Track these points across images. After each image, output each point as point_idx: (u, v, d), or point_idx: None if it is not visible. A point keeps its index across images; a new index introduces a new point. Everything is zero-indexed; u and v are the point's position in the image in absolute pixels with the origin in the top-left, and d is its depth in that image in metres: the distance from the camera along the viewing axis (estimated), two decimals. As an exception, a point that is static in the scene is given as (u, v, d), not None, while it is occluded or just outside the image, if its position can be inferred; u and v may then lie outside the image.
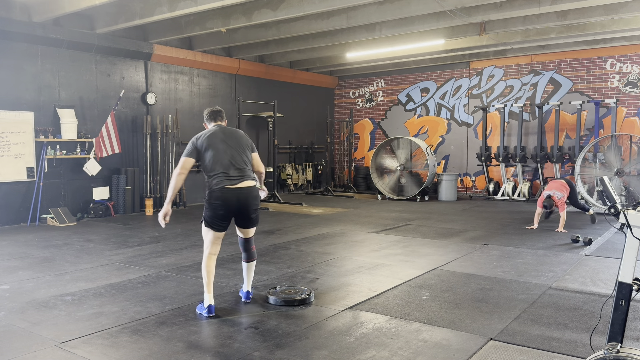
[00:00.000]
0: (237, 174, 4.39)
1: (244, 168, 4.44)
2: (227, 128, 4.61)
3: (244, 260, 4.72)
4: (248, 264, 4.70)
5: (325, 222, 9.49)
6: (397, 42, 11.72)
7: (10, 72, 9.00)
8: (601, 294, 4.95)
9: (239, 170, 4.40)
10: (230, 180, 4.35)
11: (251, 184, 4.46)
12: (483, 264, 6.20)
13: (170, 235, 8.15)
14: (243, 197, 4.39)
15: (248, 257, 4.69)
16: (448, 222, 9.46)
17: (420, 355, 3.53)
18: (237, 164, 4.41)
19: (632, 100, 12.05)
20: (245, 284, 4.73)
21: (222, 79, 13.10)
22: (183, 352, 3.57)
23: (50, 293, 5.01)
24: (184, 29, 10.19)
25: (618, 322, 2.63)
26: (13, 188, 9.10)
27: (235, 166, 4.40)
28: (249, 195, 4.42)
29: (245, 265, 4.71)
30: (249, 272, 4.71)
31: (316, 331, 3.99)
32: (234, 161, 4.40)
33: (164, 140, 11.26)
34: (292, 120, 15.11)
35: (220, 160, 4.39)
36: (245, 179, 4.42)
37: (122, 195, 10.42)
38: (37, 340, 3.82)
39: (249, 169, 4.50)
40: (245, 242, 4.68)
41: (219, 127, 4.58)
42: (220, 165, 4.38)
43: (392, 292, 5.04)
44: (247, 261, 4.69)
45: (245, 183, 4.41)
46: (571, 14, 9.45)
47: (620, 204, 2.74)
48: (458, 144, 14.56)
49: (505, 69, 13.70)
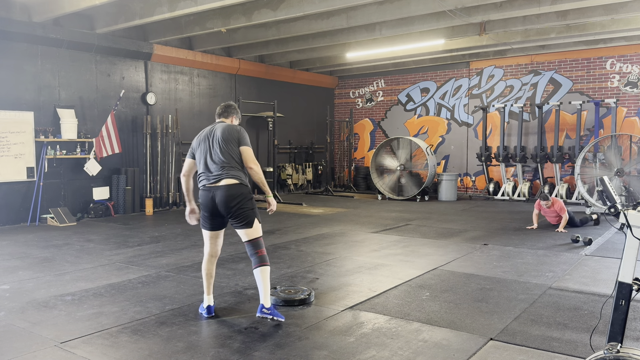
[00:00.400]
0: (216, 172, 4.16)
1: (224, 166, 4.15)
2: (219, 124, 4.32)
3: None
4: (254, 271, 4.17)
5: (325, 222, 9.49)
6: (397, 42, 11.72)
7: (10, 72, 9.00)
8: (601, 294, 4.95)
9: (218, 168, 4.15)
10: (208, 179, 4.19)
11: (230, 182, 4.12)
12: (483, 264, 6.20)
13: (170, 235, 8.15)
14: (219, 196, 4.13)
15: (253, 263, 4.18)
16: (448, 222, 9.46)
17: (420, 355, 3.53)
18: (215, 161, 4.17)
19: (632, 100, 12.05)
20: (260, 295, 4.14)
21: (222, 79, 13.10)
22: (183, 352, 3.57)
23: (50, 293, 5.01)
24: (184, 29, 10.19)
25: (618, 322, 2.63)
26: (13, 188, 9.10)
27: (214, 163, 4.17)
28: (225, 193, 4.11)
29: (254, 273, 4.20)
30: (259, 281, 4.13)
31: (316, 331, 3.99)
32: (213, 159, 4.18)
33: (164, 140, 11.26)
34: (292, 120, 15.11)
35: (200, 159, 4.25)
36: (224, 177, 4.13)
37: (122, 195, 10.42)
38: (37, 340, 3.82)
39: (231, 166, 4.16)
40: (246, 245, 4.25)
41: (216, 124, 4.35)
42: (201, 164, 4.24)
43: (392, 292, 5.04)
44: (254, 267, 4.17)
45: (224, 182, 4.12)
46: (571, 14, 9.45)
47: (620, 204, 2.74)
48: (458, 144, 14.56)
49: (505, 69, 13.70)
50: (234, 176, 4.16)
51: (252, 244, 4.22)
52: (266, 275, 4.14)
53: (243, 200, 4.17)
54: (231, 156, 4.18)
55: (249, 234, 4.22)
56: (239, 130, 4.29)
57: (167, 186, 11.33)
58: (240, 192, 4.16)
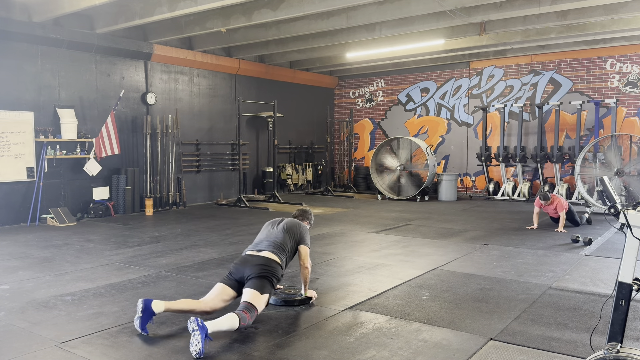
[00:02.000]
0: (259, 247, 4.38)
1: (270, 244, 4.37)
2: (290, 219, 4.72)
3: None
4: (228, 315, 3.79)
5: (325, 222, 9.49)
6: (397, 42, 11.72)
7: (10, 72, 9.00)
8: (601, 294, 4.95)
9: (264, 245, 4.39)
10: (249, 249, 4.43)
11: (267, 255, 4.25)
12: (483, 264, 6.20)
13: (170, 235, 8.15)
14: (251, 260, 4.23)
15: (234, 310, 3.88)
16: (448, 222, 9.46)
17: (420, 355, 3.53)
18: (267, 240, 4.43)
19: (632, 100, 12.05)
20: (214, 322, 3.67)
21: (222, 79, 13.10)
22: (183, 352, 3.57)
23: (50, 293, 5.01)
24: (184, 29, 10.19)
25: (618, 322, 2.63)
26: (13, 188, 9.10)
27: (264, 242, 4.43)
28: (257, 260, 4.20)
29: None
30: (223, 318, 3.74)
31: (316, 331, 3.99)
32: (265, 238, 4.46)
33: (164, 140, 11.26)
34: (292, 120, 15.11)
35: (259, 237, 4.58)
36: (264, 252, 4.30)
37: (122, 195, 10.42)
38: (37, 340, 3.82)
39: (276, 249, 4.33)
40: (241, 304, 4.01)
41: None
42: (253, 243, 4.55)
43: (392, 292, 5.04)
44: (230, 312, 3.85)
45: (262, 253, 4.28)
46: (571, 14, 9.45)
47: (620, 204, 2.74)
48: (458, 144, 14.56)
49: (505, 69, 13.70)
50: (274, 252, 4.31)
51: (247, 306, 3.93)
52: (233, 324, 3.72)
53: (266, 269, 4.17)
54: (286, 245, 4.42)
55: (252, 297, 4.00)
56: (305, 229, 4.60)
57: (167, 186, 11.33)
58: (270, 263, 4.22)
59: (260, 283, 4.07)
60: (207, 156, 12.65)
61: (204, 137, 12.54)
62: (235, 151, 13.25)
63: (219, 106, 13.02)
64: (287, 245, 4.42)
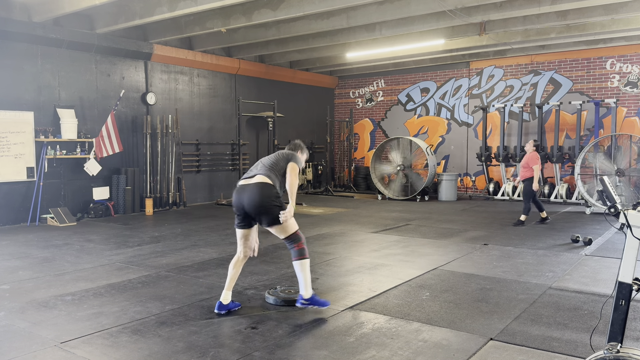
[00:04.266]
0: (251, 173, 4.41)
1: (261, 168, 4.41)
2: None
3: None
4: (293, 263, 4.37)
5: (325, 222, 9.49)
6: (397, 42, 11.72)
7: (10, 72, 9.00)
8: (601, 294, 4.95)
9: (255, 170, 4.43)
10: (242, 179, 4.43)
11: (258, 179, 4.27)
12: (483, 264, 6.20)
13: (170, 235, 8.15)
14: (244, 192, 4.27)
15: (292, 256, 4.39)
16: (448, 222, 9.46)
17: (420, 355, 3.53)
18: (256, 167, 4.46)
19: (632, 100, 12.05)
20: (300, 286, 4.39)
21: (222, 79, 13.10)
22: (183, 352, 3.57)
23: (50, 293, 5.01)
24: (184, 29, 10.19)
25: (618, 322, 2.63)
26: (13, 188, 9.10)
27: (253, 168, 4.47)
28: (250, 190, 4.23)
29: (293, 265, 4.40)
30: (297, 273, 4.36)
31: (316, 331, 3.99)
32: (255, 166, 4.50)
33: (164, 140, 11.26)
34: (292, 120, 15.11)
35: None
36: (256, 177, 4.32)
37: (122, 195, 10.42)
38: (37, 340, 3.82)
39: (268, 171, 4.36)
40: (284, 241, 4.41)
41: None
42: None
43: (392, 292, 5.04)
44: (293, 260, 4.37)
45: (254, 179, 4.30)
46: (571, 14, 9.45)
47: (620, 204, 2.74)
48: (458, 144, 14.56)
49: (505, 69, 13.70)
50: (265, 175, 4.33)
51: (287, 241, 4.39)
52: (305, 268, 4.32)
53: (266, 199, 4.24)
54: (277, 166, 4.43)
55: (277, 231, 4.35)
56: (296, 155, 4.60)
57: (167, 186, 11.33)
58: (264, 191, 4.25)
59: (272, 217, 4.23)
60: (207, 156, 12.65)
61: (204, 137, 12.54)
62: (236, 151, 13.26)
63: (219, 106, 13.03)
64: (277, 164, 4.44)
